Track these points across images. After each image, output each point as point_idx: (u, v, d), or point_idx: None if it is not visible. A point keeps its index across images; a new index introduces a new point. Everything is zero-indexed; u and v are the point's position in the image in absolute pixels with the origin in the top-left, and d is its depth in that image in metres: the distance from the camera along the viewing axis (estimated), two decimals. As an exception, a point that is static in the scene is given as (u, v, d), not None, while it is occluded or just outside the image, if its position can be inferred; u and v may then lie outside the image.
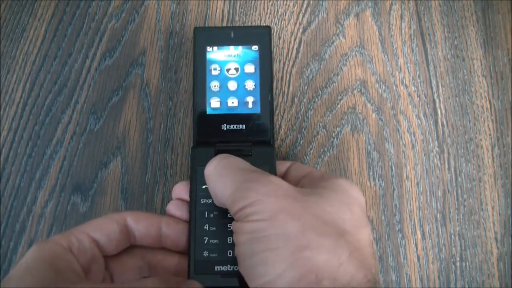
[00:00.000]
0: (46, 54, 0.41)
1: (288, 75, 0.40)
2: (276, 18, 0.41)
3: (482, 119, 0.38)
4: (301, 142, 0.38)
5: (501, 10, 0.41)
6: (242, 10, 0.42)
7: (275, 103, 0.39)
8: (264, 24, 0.41)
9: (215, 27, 0.41)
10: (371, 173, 0.37)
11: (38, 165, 0.37)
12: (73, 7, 0.43)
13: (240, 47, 0.33)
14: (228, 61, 0.33)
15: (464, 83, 0.39)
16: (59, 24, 0.42)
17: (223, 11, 0.42)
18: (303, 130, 0.38)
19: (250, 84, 0.32)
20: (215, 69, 0.32)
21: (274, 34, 0.41)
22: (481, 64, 0.39)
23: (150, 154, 0.38)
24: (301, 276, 0.21)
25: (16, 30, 0.42)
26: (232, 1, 0.42)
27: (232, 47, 0.33)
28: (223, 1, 0.42)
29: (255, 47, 0.33)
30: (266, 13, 0.41)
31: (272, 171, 0.29)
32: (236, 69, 0.32)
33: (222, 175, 0.26)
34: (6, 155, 0.38)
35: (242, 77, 0.32)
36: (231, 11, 0.41)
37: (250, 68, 0.32)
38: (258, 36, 0.33)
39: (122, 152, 0.38)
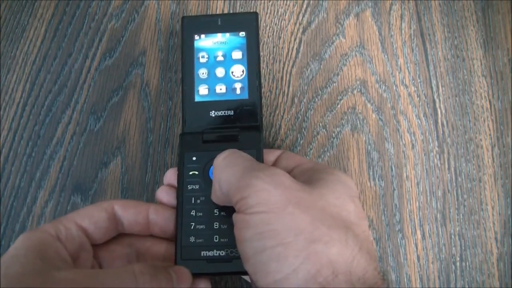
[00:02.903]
0: (46, 54, 0.41)
1: (288, 75, 0.40)
2: (276, 18, 0.41)
3: (482, 119, 0.38)
4: (301, 142, 0.38)
5: (501, 10, 0.41)
6: (242, 10, 0.42)
7: (275, 103, 0.39)
8: (253, 11, 0.41)
9: (202, 15, 0.41)
10: (371, 173, 0.37)
11: (38, 165, 0.37)
12: (73, 7, 0.43)
13: (227, 34, 0.33)
14: (216, 48, 0.33)
15: (464, 83, 0.39)
16: (59, 24, 0.42)
17: (223, 11, 0.42)
18: (303, 130, 0.38)
19: (238, 71, 0.32)
20: (203, 56, 0.33)
21: (274, 34, 0.41)
22: (481, 64, 0.39)
23: (150, 154, 0.38)
24: (317, 271, 0.21)
25: (16, 30, 0.42)
26: (232, 1, 0.42)
27: (219, 35, 0.33)
28: (223, 1, 0.42)
29: (242, 34, 0.33)
30: (266, 13, 0.41)
31: (259, 155, 0.29)
32: (224, 56, 0.33)
33: (230, 165, 0.25)
34: (6, 155, 0.38)
35: (229, 64, 0.33)
36: (231, 11, 0.41)
37: (237, 55, 0.33)
38: (245, 23, 0.33)
39: (122, 152, 0.38)
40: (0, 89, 0.40)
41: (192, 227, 0.28)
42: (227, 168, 0.25)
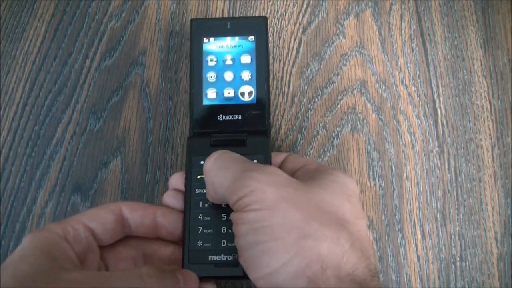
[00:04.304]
0: (46, 54, 0.41)
1: (288, 75, 0.40)
2: (276, 18, 0.41)
3: (482, 119, 0.38)
4: (301, 142, 0.38)
5: (501, 10, 0.41)
6: (242, 10, 0.42)
7: (275, 103, 0.39)
8: (262, 15, 0.41)
9: (211, 18, 0.41)
10: (371, 173, 0.37)
11: (38, 165, 0.37)
12: (73, 7, 0.43)
13: (236, 38, 0.33)
14: (225, 52, 0.33)
15: (464, 83, 0.39)
16: (59, 24, 0.42)
17: (223, 11, 0.42)
18: (303, 130, 0.38)
19: (246, 75, 0.32)
20: (211, 60, 0.33)
21: (274, 34, 0.41)
22: (481, 64, 0.39)
23: (150, 154, 0.38)
24: (306, 265, 0.21)
25: (16, 30, 0.42)
26: (232, 1, 0.42)
27: (228, 38, 0.33)
28: (223, 1, 0.42)
29: (251, 38, 0.33)
30: (266, 13, 0.41)
31: (267, 160, 0.29)
32: (233, 60, 0.33)
33: (222, 168, 0.26)
34: (6, 155, 0.38)
35: (238, 68, 0.32)
36: (231, 11, 0.41)
37: (246, 59, 0.33)
38: (255, 27, 0.33)
39: (122, 152, 0.38)
40: (0, 89, 0.40)
41: (199, 231, 0.28)
42: (219, 172, 0.26)
